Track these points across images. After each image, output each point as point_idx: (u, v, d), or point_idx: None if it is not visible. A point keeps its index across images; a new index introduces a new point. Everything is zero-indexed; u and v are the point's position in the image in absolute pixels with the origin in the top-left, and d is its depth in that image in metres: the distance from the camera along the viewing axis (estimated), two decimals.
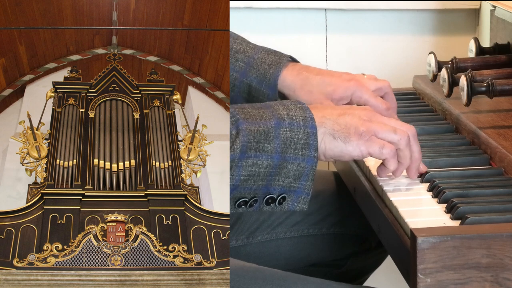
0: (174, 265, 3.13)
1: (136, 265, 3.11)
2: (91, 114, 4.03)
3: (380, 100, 1.56)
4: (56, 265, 3.04)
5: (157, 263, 3.13)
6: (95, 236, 3.17)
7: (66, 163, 3.64)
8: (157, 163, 3.76)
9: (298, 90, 1.60)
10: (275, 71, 1.61)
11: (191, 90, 5.31)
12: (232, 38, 1.70)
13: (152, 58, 5.33)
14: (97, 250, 3.13)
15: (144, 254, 3.15)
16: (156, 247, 3.18)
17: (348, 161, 1.62)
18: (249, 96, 1.64)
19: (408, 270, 1.14)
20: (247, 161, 1.28)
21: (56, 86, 4.18)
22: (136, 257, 3.14)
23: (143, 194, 3.55)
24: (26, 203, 3.47)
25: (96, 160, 3.71)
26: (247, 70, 1.64)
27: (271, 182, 1.31)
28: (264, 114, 1.31)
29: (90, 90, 4.18)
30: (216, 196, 4.09)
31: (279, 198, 1.33)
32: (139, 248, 3.17)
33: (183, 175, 3.77)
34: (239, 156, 1.26)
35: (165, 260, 3.15)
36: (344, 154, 1.34)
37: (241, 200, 1.31)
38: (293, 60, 1.66)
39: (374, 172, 1.45)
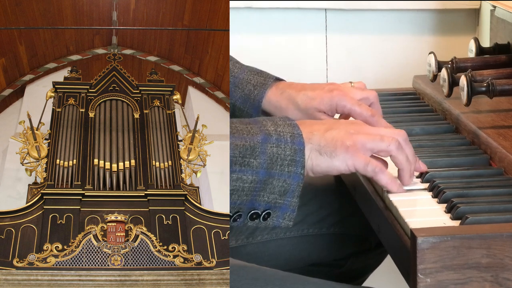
0: (174, 265, 3.14)
1: (136, 265, 3.11)
2: (91, 114, 4.03)
3: (365, 107, 1.54)
4: (56, 265, 3.04)
5: (157, 263, 3.13)
6: (95, 236, 3.17)
7: (66, 163, 3.64)
8: (157, 163, 3.76)
9: (284, 110, 1.60)
10: (260, 92, 1.61)
11: (191, 90, 5.31)
12: None
13: (152, 58, 5.33)
14: (97, 250, 3.13)
15: (144, 254, 3.15)
16: (156, 247, 3.18)
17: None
18: (232, 115, 1.65)
19: (408, 270, 1.14)
20: (231, 176, 1.27)
21: (56, 86, 4.19)
22: (136, 257, 3.14)
23: (143, 194, 3.55)
24: (26, 203, 3.47)
25: (96, 160, 3.71)
26: (232, 89, 1.65)
27: (256, 197, 1.30)
28: (251, 129, 1.30)
29: (90, 90, 4.18)
30: (216, 196, 4.09)
31: (263, 213, 1.32)
32: (139, 248, 3.17)
33: (183, 175, 3.77)
34: None
35: (165, 260, 3.15)
36: (331, 169, 1.33)
37: None
38: (278, 79, 1.65)
39: None
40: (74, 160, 3.67)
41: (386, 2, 2.47)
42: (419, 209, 1.29)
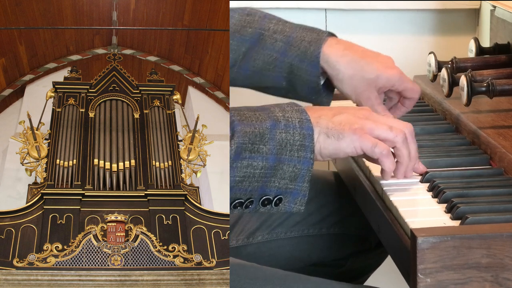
0: (174, 265, 3.14)
1: (136, 265, 3.11)
2: (91, 114, 4.03)
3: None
4: (56, 265, 3.04)
5: (157, 263, 3.13)
6: (95, 236, 3.17)
7: (66, 163, 3.64)
8: (157, 163, 3.76)
9: (341, 73, 1.59)
10: (316, 48, 1.60)
11: (191, 90, 5.31)
12: (267, 19, 1.67)
13: (152, 58, 5.33)
14: (97, 250, 3.13)
15: (144, 254, 3.15)
16: (156, 247, 3.18)
17: (345, 158, 1.61)
18: (290, 74, 1.63)
19: (408, 270, 1.14)
20: (241, 162, 1.28)
21: (56, 86, 4.19)
22: (136, 257, 3.14)
23: (143, 194, 3.55)
24: (26, 203, 3.47)
25: (96, 160, 3.71)
26: (287, 49, 1.63)
27: (266, 183, 1.30)
28: (260, 116, 1.31)
29: (90, 90, 4.18)
30: (216, 196, 4.09)
31: (275, 199, 1.32)
32: (139, 248, 3.17)
33: (183, 175, 3.77)
34: (234, 158, 1.27)
35: (165, 260, 3.15)
36: (338, 151, 1.33)
37: (236, 201, 1.31)
38: (332, 34, 1.64)
39: (374, 172, 1.45)
40: (74, 160, 3.67)
41: (386, 2, 2.47)
42: (419, 209, 1.29)
